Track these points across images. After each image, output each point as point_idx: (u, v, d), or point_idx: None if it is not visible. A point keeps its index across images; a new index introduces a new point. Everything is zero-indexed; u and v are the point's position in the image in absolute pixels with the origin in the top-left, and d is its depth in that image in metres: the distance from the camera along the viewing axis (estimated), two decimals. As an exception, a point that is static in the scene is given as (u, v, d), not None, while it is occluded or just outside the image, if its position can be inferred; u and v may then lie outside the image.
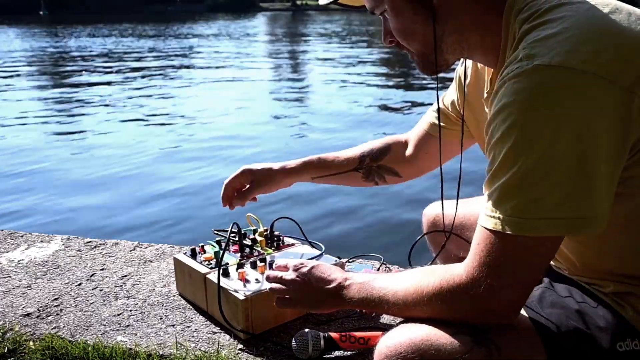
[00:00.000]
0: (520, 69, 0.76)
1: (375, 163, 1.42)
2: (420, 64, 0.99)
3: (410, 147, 1.40)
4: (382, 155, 1.42)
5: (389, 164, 1.42)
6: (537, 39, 0.77)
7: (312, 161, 1.43)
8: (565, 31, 0.76)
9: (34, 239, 2.00)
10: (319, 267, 1.11)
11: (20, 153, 5.44)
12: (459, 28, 0.92)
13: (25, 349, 1.32)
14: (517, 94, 0.75)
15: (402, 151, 1.42)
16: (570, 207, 0.74)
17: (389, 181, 1.44)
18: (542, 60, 0.74)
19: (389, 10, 0.94)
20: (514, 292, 0.81)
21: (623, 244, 0.86)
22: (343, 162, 1.43)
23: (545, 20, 0.80)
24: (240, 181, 1.43)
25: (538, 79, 0.74)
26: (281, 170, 1.42)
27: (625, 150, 0.76)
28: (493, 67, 0.96)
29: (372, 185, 1.45)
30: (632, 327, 0.86)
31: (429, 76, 1.02)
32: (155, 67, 12.51)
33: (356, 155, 1.43)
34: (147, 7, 69.82)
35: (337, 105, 7.69)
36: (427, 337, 0.85)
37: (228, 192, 1.43)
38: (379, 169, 1.43)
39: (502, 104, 0.77)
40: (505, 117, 0.76)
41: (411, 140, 1.40)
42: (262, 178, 1.42)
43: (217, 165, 4.91)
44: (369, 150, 1.43)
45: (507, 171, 0.76)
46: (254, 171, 1.42)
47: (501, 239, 0.78)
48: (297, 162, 1.43)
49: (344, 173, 1.43)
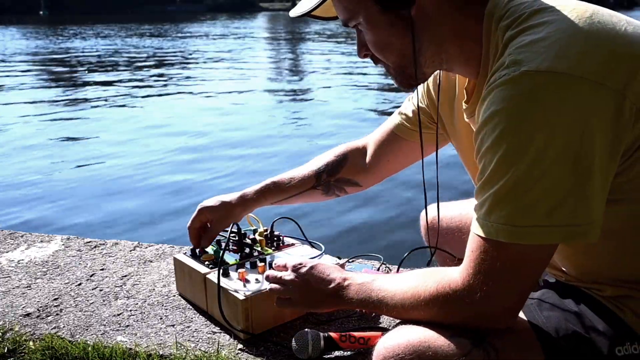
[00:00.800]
0: (507, 75, 0.75)
1: (333, 177, 1.41)
2: (397, 77, 0.96)
3: (371, 151, 1.38)
4: (338, 167, 1.40)
5: (347, 175, 1.41)
6: (523, 45, 0.76)
7: (269, 187, 1.42)
8: (551, 35, 0.75)
9: (34, 239, 2.00)
10: (318, 267, 1.12)
11: (20, 153, 5.44)
12: (437, 39, 0.90)
13: (25, 349, 1.32)
14: (506, 101, 0.74)
15: (360, 159, 1.40)
16: (564, 214, 0.74)
17: (349, 192, 1.44)
18: (529, 66, 0.73)
19: (363, 23, 0.91)
20: (509, 299, 0.81)
21: (617, 249, 0.86)
22: (299, 182, 1.41)
23: (529, 26, 0.79)
24: (200, 220, 1.42)
25: (527, 85, 0.73)
26: (238, 203, 1.41)
27: (618, 153, 0.75)
28: (473, 78, 0.94)
29: (334, 198, 1.45)
30: (631, 331, 0.86)
31: (405, 90, 0.99)
32: (155, 68, 12.50)
33: (312, 172, 1.41)
34: (147, 7, 69.76)
35: (337, 106, 7.69)
36: (425, 339, 0.85)
37: (194, 234, 1.43)
38: (337, 182, 1.41)
39: (491, 111, 0.76)
40: (494, 125, 0.75)
41: (371, 144, 1.38)
42: (219, 216, 1.41)
43: (217, 165, 4.92)
44: (324, 166, 1.41)
45: (498, 179, 0.76)
46: (212, 209, 1.41)
47: (495, 247, 0.78)
48: (253, 191, 1.42)
49: (302, 193, 1.42)
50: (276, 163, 4.89)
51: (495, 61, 0.81)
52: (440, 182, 1.13)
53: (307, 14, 0.96)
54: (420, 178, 1.45)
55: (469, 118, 0.99)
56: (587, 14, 0.79)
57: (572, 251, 0.91)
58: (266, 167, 4.67)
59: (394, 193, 3.89)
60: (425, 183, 1.15)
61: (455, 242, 1.34)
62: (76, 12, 58.42)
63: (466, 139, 1.09)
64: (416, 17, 0.87)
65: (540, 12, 0.80)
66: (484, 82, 0.87)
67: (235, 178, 4.48)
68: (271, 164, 4.87)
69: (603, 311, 0.88)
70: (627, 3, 49.26)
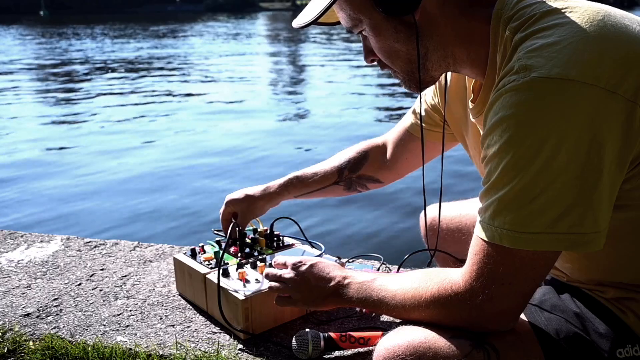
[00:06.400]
0: (517, 81, 0.74)
1: (355, 174, 1.42)
2: (404, 82, 0.96)
3: (390, 149, 1.39)
4: (360, 165, 1.41)
5: (368, 172, 1.42)
6: (533, 49, 0.75)
7: (292, 181, 1.44)
8: (562, 40, 0.74)
9: (34, 239, 2.00)
10: (318, 265, 1.12)
11: (20, 153, 5.44)
12: (443, 43, 0.89)
13: (25, 349, 1.32)
14: (515, 107, 0.73)
15: (381, 156, 1.41)
16: (570, 223, 0.73)
17: (370, 188, 1.45)
18: (540, 72, 0.72)
19: (368, 30, 0.90)
20: (511, 302, 0.81)
21: (621, 254, 0.85)
22: (322, 178, 1.43)
23: (539, 28, 0.77)
24: (228, 212, 1.47)
25: (537, 92, 0.72)
26: (262, 196, 1.44)
27: (626, 162, 0.74)
28: (480, 79, 0.93)
29: (355, 193, 1.47)
30: (632, 333, 0.86)
31: (414, 93, 0.99)
32: (154, 67, 12.50)
33: (334, 168, 1.43)
34: (147, 6, 69.75)
35: (338, 105, 7.68)
36: (425, 340, 0.85)
37: (224, 225, 1.49)
38: (359, 179, 1.43)
39: (499, 117, 0.75)
40: (502, 130, 0.75)
41: (390, 142, 1.39)
42: (244, 209, 1.45)
43: (217, 164, 4.92)
44: (347, 162, 1.42)
45: (504, 185, 0.75)
46: (236, 202, 1.45)
47: (498, 251, 0.78)
48: (277, 185, 1.44)
49: (325, 188, 1.44)
50: (274, 166, 4.88)
51: (504, 63, 0.80)
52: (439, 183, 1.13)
53: (311, 24, 0.95)
54: (420, 179, 1.45)
55: (475, 118, 0.99)
56: (599, 16, 0.77)
57: (575, 255, 0.90)
58: (262, 172, 4.66)
59: (394, 193, 3.89)
60: (425, 184, 1.15)
61: (455, 243, 1.34)
62: (76, 12, 58.42)
63: (474, 138, 1.08)
64: (420, 22, 0.87)
65: (550, 13, 0.79)
66: (490, 83, 0.86)
67: (235, 179, 4.48)
68: (268, 168, 4.86)
69: (604, 313, 0.88)
70: (628, 3, 49.22)
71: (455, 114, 1.15)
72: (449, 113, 1.16)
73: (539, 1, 0.82)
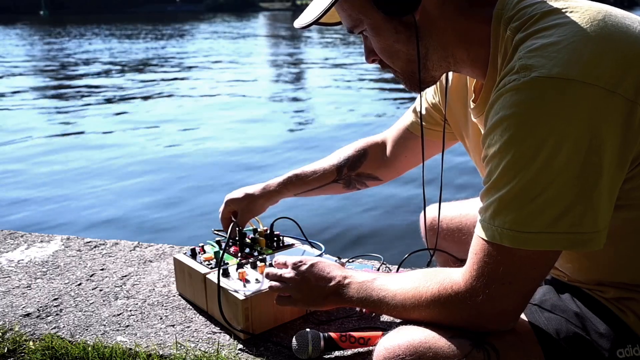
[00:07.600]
0: (517, 81, 0.74)
1: (354, 172, 1.42)
2: (405, 82, 0.96)
3: (389, 147, 1.39)
4: (359, 163, 1.42)
5: (367, 170, 1.42)
6: (533, 49, 0.75)
7: (291, 180, 1.45)
8: (562, 39, 0.74)
9: (34, 239, 2.00)
10: (318, 264, 1.12)
11: (20, 153, 5.44)
12: (443, 44, 0.89)
13: (25, 349, 1.32)
14: (515, 106, 0.74)
15: (380, 154, 1.41)
16: (570, 222, 0.73)
17: (369, 185, 1.45)
18: (540, 71, 0.72)
19: (369, 30, 0.90)
20: (511, 301, 0.81)
21: (621, 253, 0.85)
22: (321, 176, 1.43)
23: (540, 28, 0.78)
24: (228, 211, 1.49)
25: (537, 92, 0.72)
26: (261, 195, 1.45)
27: (627, 162, 0.75)
28: (481, 79, 0.93)
29: (355, 190, 1.47)
30: (633, 333, 0.86)
31: (415, 92, 0.99)
32: (154, 68, 12.50)
33: (333, 166, 1.43)
34: (147, 6, 69.74)
35: (338, 105, 7.68)
36: (425, 340, 0.85)
37: (225, 224, 1.50)
38: (358, 177, 1.43)
39: (500, 116, 0.75)
40: (503, 130, 0.75)
41: (389, 140, 1.39)
42: (244, 207, 1.46)
43: (217, 164, 4.92)
44: (346, 160, 1.42)
45: (505, 185, 0.75)
46: (235, 201, 1.47)
47: (498, 250, 0.78)
48: (276, 183, 1.45)
49: (324, 186, 1.44)
50: (274, 167, 4.88)
51: (505, 63, 0.80)
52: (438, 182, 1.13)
53: (312, 24, 0.95)
54: (420, 179, 1.45)
55: (476, 118, 0.99)
56: (600, 15, 0.77)
57: (575, 255, 0.90)
58: (262, 173, 4.66)
59: (395, 193, 3.89)
60: (425, 184, 1.14)
61: (455, 243, 1.34)
62: (76, 12, 58.41)
63: (475, 138, 1.08)
64: (420, 23, 0.87)
65: (551, 13, 0.79)
66: (491, 84, 0.86)
67: (235, 179, 4.48)
68: (268, 168, 4.86)
69: (605, 313, 0.88)
70: (628, 3, 49.16)
71: (455, 114, 1.15)
72: (449, 112, 1.16)
73: (539, 1, 0.82)
